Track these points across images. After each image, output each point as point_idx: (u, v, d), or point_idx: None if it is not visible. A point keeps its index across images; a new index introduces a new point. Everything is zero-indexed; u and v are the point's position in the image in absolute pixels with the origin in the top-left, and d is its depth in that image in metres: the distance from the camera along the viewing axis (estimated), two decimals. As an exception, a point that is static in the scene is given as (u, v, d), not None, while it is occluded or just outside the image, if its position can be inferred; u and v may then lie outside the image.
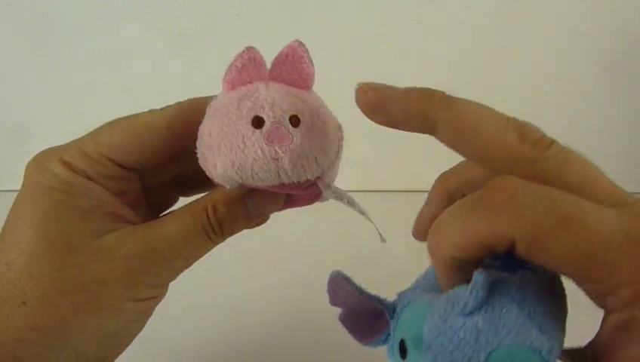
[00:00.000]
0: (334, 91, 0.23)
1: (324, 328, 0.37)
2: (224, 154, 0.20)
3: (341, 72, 0.52)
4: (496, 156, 0.17)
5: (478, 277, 0.16)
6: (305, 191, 0.22)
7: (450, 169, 0.24)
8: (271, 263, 0.41)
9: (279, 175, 0.20)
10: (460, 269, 0.17)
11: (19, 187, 0.22)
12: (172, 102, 0.24)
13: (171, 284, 0.24)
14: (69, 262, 0.21)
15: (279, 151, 0.20)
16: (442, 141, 0.18)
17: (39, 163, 0.22)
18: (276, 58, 0.22)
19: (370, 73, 0.64)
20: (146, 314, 0.23)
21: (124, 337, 0.23)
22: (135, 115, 0.24)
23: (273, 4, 0.54)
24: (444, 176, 0.24)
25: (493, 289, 0.16)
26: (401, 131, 0.21)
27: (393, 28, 0.55)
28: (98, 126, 0.24)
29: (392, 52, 0.55)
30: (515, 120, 0.18)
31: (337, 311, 0.20)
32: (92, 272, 0.21)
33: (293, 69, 0.22)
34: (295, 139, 0.20)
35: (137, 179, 0.25)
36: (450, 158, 0.22)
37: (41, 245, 0.21)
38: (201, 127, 0.22)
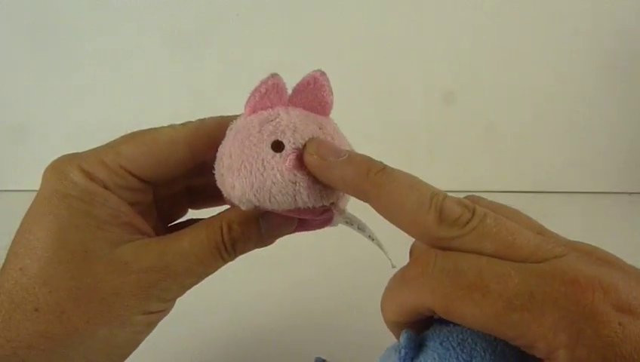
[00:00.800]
0: (333, 91, 0.23)
1: (326, 329, 0.37)
2: (244, 176, 0.20)
3: (341, 72, 0.52)
4: (417, 234, 0.19)
5: (402, 338, 0.19)
6: (319, 217, 0.23)
7: None
8: (272, 264, 0.41)
9: (296, 199, 0.21)
10: (405, 328, 0.19)
11: (19, 187, 0.22)
12: (171, 103, 0.24)
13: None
14: (86, 271, 0.21)
15: (298, 176, 0.20)
16: (375, 210, 0.20)
17: (58, 169, 0.22)
18: (298, 85, 0.22)
19: (370, 73, 0.64)
20: (152, 326, 0.24)
21: (129, 347, 0.23)
22: (155, 128, 0.24)
23: (273, 4, 0.54)
24: None
25: (433, 340, 0.19)
26: (403, 132, 0.21)
27: (393, 28, 0.55)
28: (98, 127, 0.24)
29: (392, 52, 0.55)
30: (438, 197, 0.19)
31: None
32: (108, 283, 0.21)
33: (313, 96, 0.22)
34: None
35: (151, 190, 0.25)
36: (451, 159, 0.22)
37: (58, 253, 0.21)
38: (220, 149, 0.22)
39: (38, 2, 0.55)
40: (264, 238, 0.23)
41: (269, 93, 0.21)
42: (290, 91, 0.22)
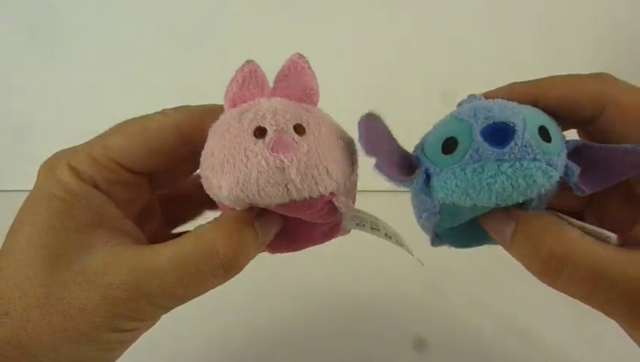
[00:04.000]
0: (334, 91, 0.23)
1: (326, 329, 0.37)
2: (228, 171, 0.18)
3: (341, 73, 0.52)
4: None
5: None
6: (320, 213, 0.20)
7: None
8: (272, 265, 0.41)
9: (288, 189, 0.18)
10: None
11: (19, 187, 0.22)
12: (171, 103, 0.24)
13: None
14: (54, 278, 0.19)
15: (285, 161, 0.18)
16: None
17: (48, 167, 0.21)
18: (278, 74, 0.21)
19: (370, 73, 0.63)
20: (127, 343, 0.22)
21: (105, 361, 0.21)
22: (145, 115, 0.23)
23: (273, 4, 0.54)
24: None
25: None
26: (402, 132, 0.21)
27: (393, 28, 0.55)
28: (98, 127, 0.23)
29: (392, 52, 0.55)
30: None
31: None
32: (73, 295, 0.19)
33: (295, 83, 0.21)
34: (301, 147, 0.18)
35: (147, 185, 0.24)
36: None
37: (30, 256, 0.19)
38: (203, 151, 0.20)
39: (38, 2, 0.55)
40: (261, 244, 0.21)
41: (247, 82, 0.20)
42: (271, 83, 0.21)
